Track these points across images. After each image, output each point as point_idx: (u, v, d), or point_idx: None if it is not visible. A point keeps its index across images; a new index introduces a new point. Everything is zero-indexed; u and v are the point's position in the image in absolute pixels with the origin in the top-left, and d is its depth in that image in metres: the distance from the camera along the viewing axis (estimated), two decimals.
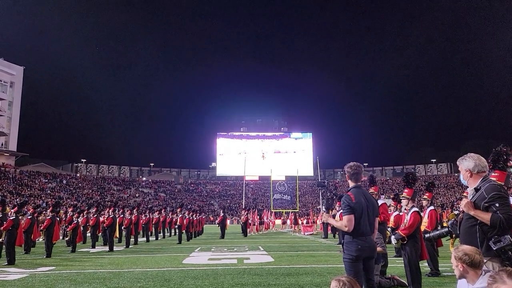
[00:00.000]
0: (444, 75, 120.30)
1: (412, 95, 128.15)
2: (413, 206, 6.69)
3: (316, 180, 69.15)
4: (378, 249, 5.52)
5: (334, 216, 20.65)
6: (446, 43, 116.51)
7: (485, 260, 3.13)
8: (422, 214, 7.46)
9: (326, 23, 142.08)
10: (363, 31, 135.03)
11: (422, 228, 7.17)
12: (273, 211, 44.35)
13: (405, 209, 7.00)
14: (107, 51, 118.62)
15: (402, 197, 7.01)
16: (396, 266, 9.27)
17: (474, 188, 3.47)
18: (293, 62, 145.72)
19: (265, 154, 79.56)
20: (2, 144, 57.12)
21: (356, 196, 4.28)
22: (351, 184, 4.52)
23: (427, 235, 6.12)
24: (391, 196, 12.74)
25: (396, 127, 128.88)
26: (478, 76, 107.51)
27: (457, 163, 3.68)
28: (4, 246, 11.77)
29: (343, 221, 4.19)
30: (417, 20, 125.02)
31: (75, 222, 15.93)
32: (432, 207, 8.29)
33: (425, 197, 8.62)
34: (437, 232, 5.52)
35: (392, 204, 11.81)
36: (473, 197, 3.45)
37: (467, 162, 3.56)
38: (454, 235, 6.70)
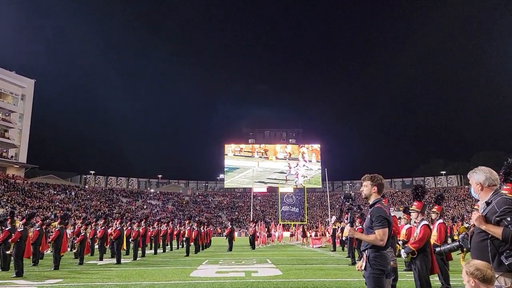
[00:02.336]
0: (454, 87, 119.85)
1: (421, 106, 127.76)
2: (422, 219, 6.60)
3: (323, 192, 68.70)
4: None
5: (342, 229, 20.53)
6: (456, 55, 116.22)
7: (497, 275, 3.07)
8: (431, 227, 7.35)
9: (335, 34, 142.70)
10: (372, 42, 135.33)
11: (432, 241, 7.06)
12: (281, 223, 44.07)
13: (414, 222, 6.90)
14: (114, 65, 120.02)
15: (411, 210, 6.92)
16: (406, 280, 9.13)
17: (485, 202, 3.41)
18: (302, 74, 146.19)
19: (273, 165, 79.36)
20: (12, 157, 57.74)
21: (387, 209, 4.21)
22: (375, 196, 4.33)
23: (437, 249, 6.01)
24: (401, 209, 12.60)
25: (405, 139, 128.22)
26: (489, 87, 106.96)
27: (468, 176, 3.62)
28: (12, 258, 11.81)
29: (379, 235, 4.01)
30: (426, 31, 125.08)
31: (82, 234, 15.94)
32: (441, 220, 8.17)
33: (434, 210, 8.50)
34: (448, 246, 5.42)
35: (404, 217, 11.68)
36: (484, 210, 3.39)
37: (478, 175, 3.51)
38: (465, 249, 6.58)
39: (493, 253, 3.21)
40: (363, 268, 4.12)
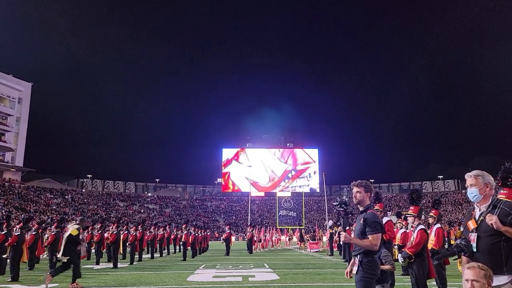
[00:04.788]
0: (451, 92, 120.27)
1: (418, 111, 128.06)
2: (419, 224, 6.61)
3: (321, 196, 68.64)
4: (387, 267, 5.43)
5: (339, 234, 20.49)
6: (453, 61, 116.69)
7: (511, 278, 3.11)
8: (428, 231, 7.36)
9: (335, 39, 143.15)
10: (372, 48, 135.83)
11: (429, 246, 7.06)
12: (279, 227, 44.00)
13: (411, 226, 6.91)
14: (113, 69, 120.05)
15: (408, 214, 6.93)
16: (403, 284, 9.12)
17: (492, 205, 3.42)
18: (300, 78, 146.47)
19: (271, 170, 79.32)
20: (8, 162, 57.51)
21: (378, 214, 4.26)
22: (368, 201, 4.39)
23: (436, 256, 5.98)
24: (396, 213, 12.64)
25: (403, 143, 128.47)
26: (486, 92, 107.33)
27: (473, 175, 3.56)
28: (8, 262, 11.74)
29: (373, 240, 4.06)
30: (425, 38, 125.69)
31: None
32: (438, 225, 8.18)
33: (431, 214, 8.52)
34: (448, 253, 5.41)
35: (399, 222, 11.70)
36: (488, 212, 3.41)
37: (488, 177, 3.55)
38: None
39: (506, 255, 3.22)
40: (354, 272, 4.16)
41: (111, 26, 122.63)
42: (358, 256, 4.16)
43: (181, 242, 21.38)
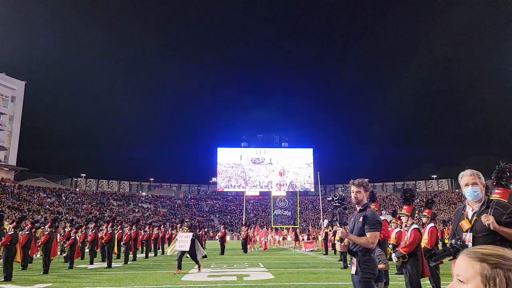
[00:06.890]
0: (445, 92, 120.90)
1: (413, 111, 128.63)
2: (413, 223, 6.63)
3: (316, 195, 68.74)
4: (381, 266, 5.45)
5: (335, 233, 20.54)
6: (448, 61, 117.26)
7: None
8: (422, 231, 7.39)
9: (329, 38, 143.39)
10: (368, 46, 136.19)
11: (423, 245, 7.09)
12: (274, 226, 44.05)
13: (405, 225, 6.94)
14: (107, 68, 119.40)
15: (401, 214, 6.95)
16: (397, 283, 9.15)
17: (486, 205, 3.43)
18: (295, 78, 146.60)
19: (266, 169, 79.32)
20: (0, 161, 57.06)
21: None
22: (366, 200, 4.36)
23: (434, 258, 6.00)
24: (391, 213, 12.67)
25: (397, 143, 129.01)
26: (480, 93, 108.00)
27: (475, 174, 3.54)
28: (1, 261, 11.66)
29: (371, 237, 4.02)
30: (421, 37, 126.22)
31: (73, 237, 15.78)
32: (432, 224, 8.22)
33: (424, 213, 8.56)
34: (445, 253, 5.43)
35: (394, 220, 11.73)
36: (482, 212, 3.42)
37: (483, 177, 3.56)
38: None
39: None
40: (353, 272, 4.10)
41: (105, 25, 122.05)
42: (357, 255, 4.11)
43: None
